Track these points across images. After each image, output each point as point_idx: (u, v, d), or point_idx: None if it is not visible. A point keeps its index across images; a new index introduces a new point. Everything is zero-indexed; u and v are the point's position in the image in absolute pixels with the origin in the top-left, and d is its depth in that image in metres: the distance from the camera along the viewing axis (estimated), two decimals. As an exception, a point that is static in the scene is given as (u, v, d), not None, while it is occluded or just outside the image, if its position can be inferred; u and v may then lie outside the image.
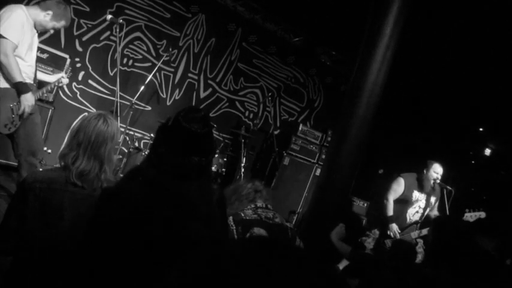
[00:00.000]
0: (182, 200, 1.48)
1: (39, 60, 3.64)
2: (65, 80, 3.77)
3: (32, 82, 3.46)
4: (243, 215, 2.32)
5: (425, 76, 6.81)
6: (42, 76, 3.75)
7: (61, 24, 3.51)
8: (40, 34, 3.59)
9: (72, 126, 2.20)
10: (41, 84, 3.66)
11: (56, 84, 3.73)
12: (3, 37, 3.08)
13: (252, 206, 2.40)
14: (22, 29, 3.21)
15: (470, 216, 4.08)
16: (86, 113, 5.20)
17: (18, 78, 3.17)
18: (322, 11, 6.00)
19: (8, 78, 3.16)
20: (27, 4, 4.60)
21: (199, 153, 1.50)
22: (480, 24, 5.07)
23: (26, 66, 3.35)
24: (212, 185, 1.74)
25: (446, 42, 5.72)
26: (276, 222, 2.37)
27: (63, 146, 2.22)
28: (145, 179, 1.48)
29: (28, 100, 3.23)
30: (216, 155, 5.50)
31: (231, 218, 2.27)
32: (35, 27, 3.41)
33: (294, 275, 0.57)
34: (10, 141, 3.40)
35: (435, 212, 4.57)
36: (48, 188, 1.81)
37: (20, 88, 3.19)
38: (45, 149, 4.59)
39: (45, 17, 3.38)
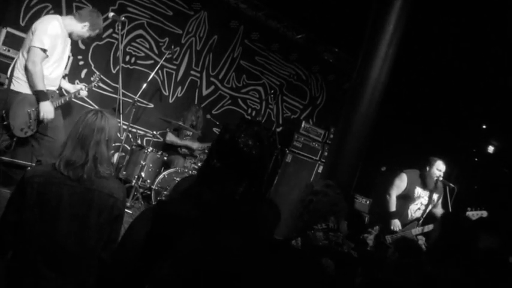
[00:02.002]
0: (239, 225, 1.43)
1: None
2: (84, 93, 3.90)
3: (55, 89, 3.60)
4: (313, 238, 1.99)
5: (428, 73, 6.79)
6: (63, 84, 3.88)
7: (95, 32, 3.73)
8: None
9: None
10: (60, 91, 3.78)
11: (76, 95, 3.88)
12: (36, 47, 3.24)
13: (324, 226, 2.03)
14: (55, 40, 3.37)
15: (472, 215, 4.09)
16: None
17: (40, 87, 3.31)
18: (324, 8, 5.99)
19: (30, 84, 3.31)
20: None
21: (253, 176, 1.44)
22: (483, 21, 5.04)
23: (55, 75, 3.52)
24: (264, 208, 1.63)
25: (449, 38, 5.70)
26: (343, 251, 2.04)
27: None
28: (202, 203, 1.41)
29: (46, 108, 3.36)
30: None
31: (299, 240, 2.00)
32: (71, 37, 3.60)
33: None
34: (30, 141, 3.52)
35: (440, 210, 4.56)
36: (46, 182, 1.84)
37: (39, 96, 3.33)
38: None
39: (83, 29, 3.58)
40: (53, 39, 3.33)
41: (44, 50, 3.27)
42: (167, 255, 1.34)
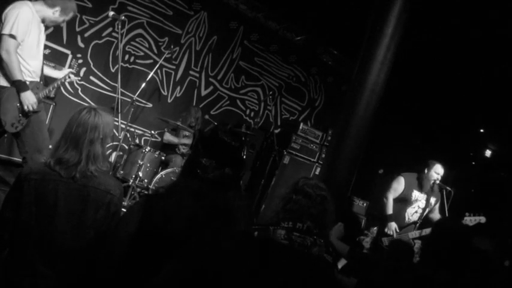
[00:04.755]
0: (225, 210, 1.57)
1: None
2: (74, 77, 3.77)
3: (39, 80, 3.45)
4: (272, 235, 1.85)
5: (426, 76, 6.81)
6: (49, 72, 3.73)
7: (70, 16, 3.51)
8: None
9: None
10: (48, 80, 3.65)
11: (64, 80, 3.71)
12: (7, 34, 3.08)
13: (290, 225, 1.86)
14: (27, 27, 3.20)
15: (469, 220, 4.09)
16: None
17: (18, 77, 3.15)
18: (324, 11, 6.00)
19: (7, 75, 3.14)
20: None
21: (233, 164, 1.61)
22: (481, 25, 5.06)
23: (34, 64, 3.36)
24: (243, 194, 1.83)
25: (447, 42, 5.72)
26: (310, 253, 1.83)
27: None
28: (192, 191, 1.55)
29: (28, 98, 3.22)
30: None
31: (256, 233, 1.95)
32: (44, 23, 3.42)
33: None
34: (14, 139, 3.41)
35: (437, 215, 4.56)
36: (43, 179, 1.84)
37: (18, 86, 3.18)
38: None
39: (54, 14, 3.39)
40: (24, 26, 3.16)
41: (15, 37, 3.10)
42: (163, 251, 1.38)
